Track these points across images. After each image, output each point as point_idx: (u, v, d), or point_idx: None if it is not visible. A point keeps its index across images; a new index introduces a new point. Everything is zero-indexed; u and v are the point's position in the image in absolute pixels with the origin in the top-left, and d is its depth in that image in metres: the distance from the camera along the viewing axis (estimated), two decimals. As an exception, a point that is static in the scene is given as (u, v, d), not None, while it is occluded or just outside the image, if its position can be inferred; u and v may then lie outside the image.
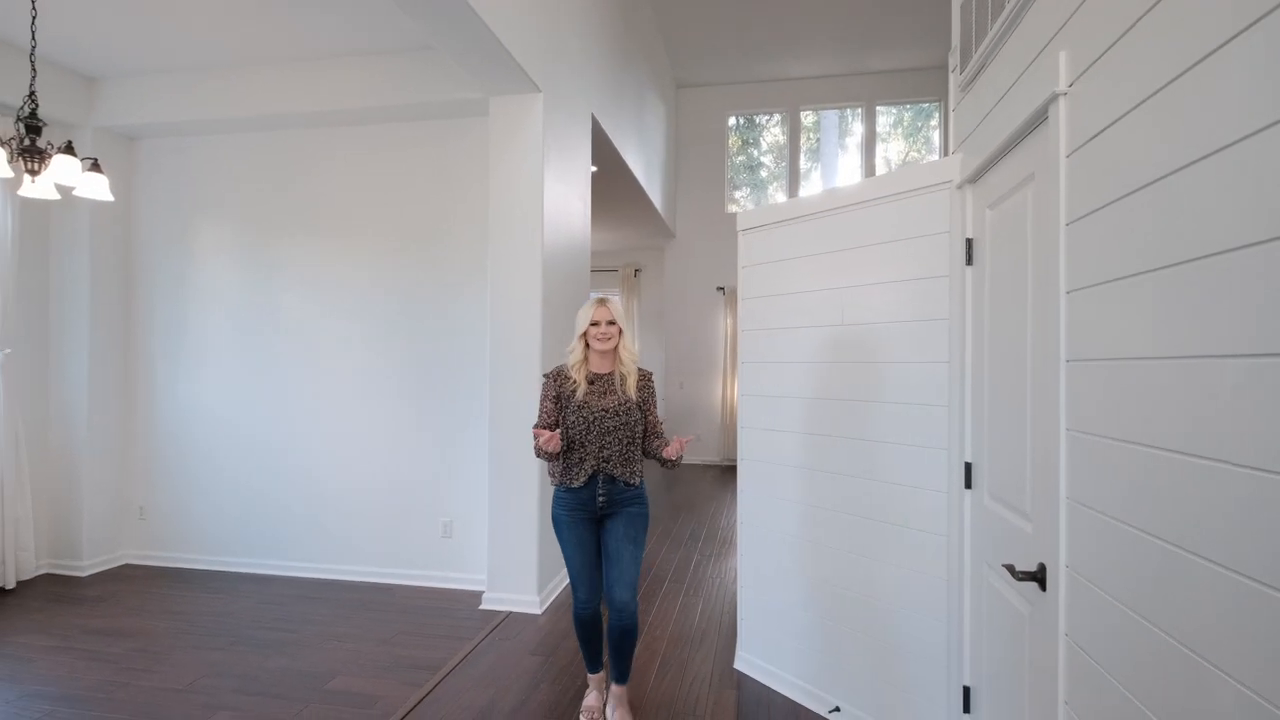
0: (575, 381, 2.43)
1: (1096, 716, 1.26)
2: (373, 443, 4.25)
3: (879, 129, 8.98)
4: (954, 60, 2.25)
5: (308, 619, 3.57)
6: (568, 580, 4.62)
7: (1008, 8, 1.66)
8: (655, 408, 2.52)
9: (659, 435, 2.50)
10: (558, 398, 2.46)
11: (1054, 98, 1.41)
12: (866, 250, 2.45)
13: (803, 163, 9.33)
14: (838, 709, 2.54)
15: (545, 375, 2.54)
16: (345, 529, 4.27)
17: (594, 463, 2.38)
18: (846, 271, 2.52)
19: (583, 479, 2.38)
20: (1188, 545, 0.97)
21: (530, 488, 3.66)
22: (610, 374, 2.47)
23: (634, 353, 2.50)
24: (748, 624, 3.01)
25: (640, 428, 2.46)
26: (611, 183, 6.27)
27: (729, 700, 2.73)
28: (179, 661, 3.05)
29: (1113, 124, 1.21)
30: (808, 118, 9.30)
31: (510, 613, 3.64)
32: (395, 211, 4.25)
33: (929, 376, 2.24)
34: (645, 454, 2.51)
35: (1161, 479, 1.04)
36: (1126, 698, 1.13)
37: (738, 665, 3.02)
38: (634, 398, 2.44)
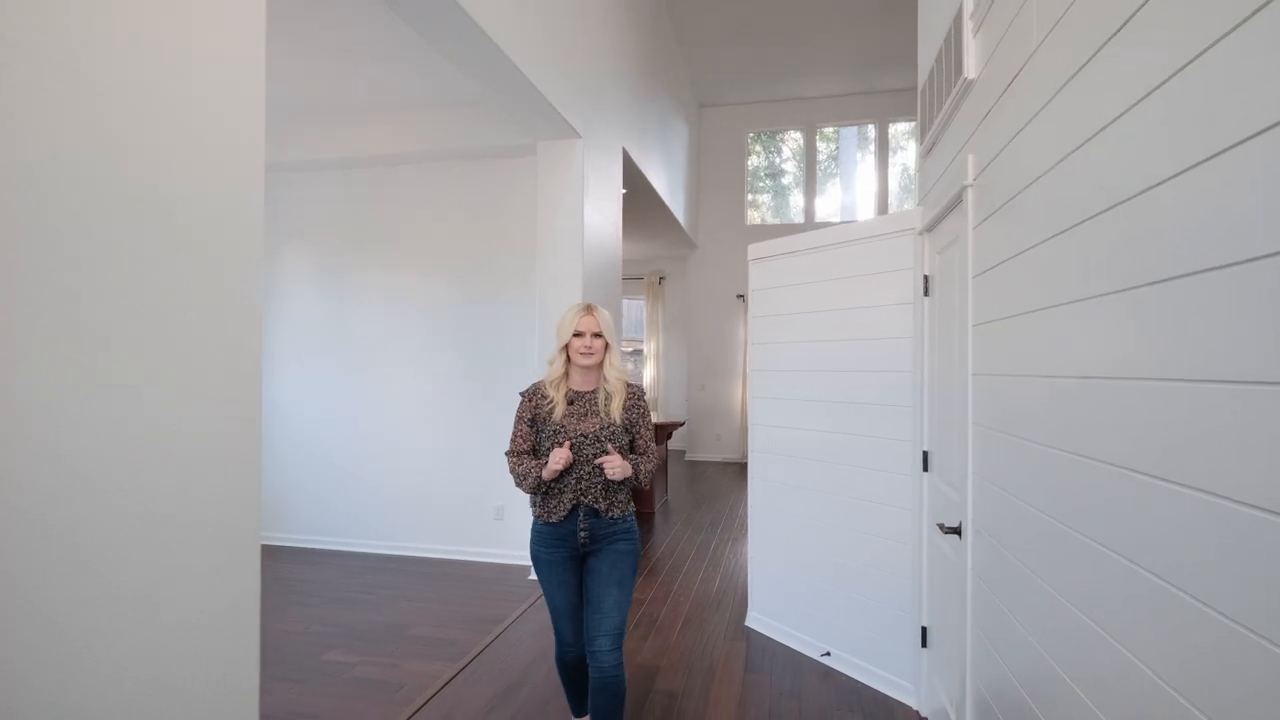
0: (552, 400, 2.14)
1: (987, 626, 1.83)
2: (434, 439, 4.91)
3: (896, 137, 9.44)
4: (918, 132, 2.81)
5: (383, 585, 4.22)
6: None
7: (942, 111, 2.24)
8: (648, 428, 2.23)
9: (648, 457, 2.21)
10: (533, 419, 2.16)
11: (964, 188, 1.98)
12: (850, 280, 3.03)
13: (823, 168, 9.86)
14: (828, 653, 3.12)
15: (521, 393, 2.21)
16: (411, 512, 4.93)
17: (573, 494, 2.09)
18: (834, 297, 3.10)
19: (562, 513, 2.09)
20: (1048, 510, 1.38)
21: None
22: (593, 392, 2.18)
23: (621, 370, 2.20)
24: (756, 589, 3.60)
25: (625, 453, 2.16)
26: (638, 200, 6.88)
27: (740, 649, 3.32)
28: (289, 615, 3.72)
29: (994, 212, 1.79)
30: (826, 130, 9.82)
31: (554, 582, 4.26)
32: (455, 237, 4.91)
33: (897, 383, 2.80)
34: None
35: (1025, 460, 1.57)
36: (1005, 613, 1.68)
37: (748, 623, 3.61)
38: (618, 420, 2.14)
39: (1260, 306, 0.76)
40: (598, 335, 2.15)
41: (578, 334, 2.14)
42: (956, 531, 2.08)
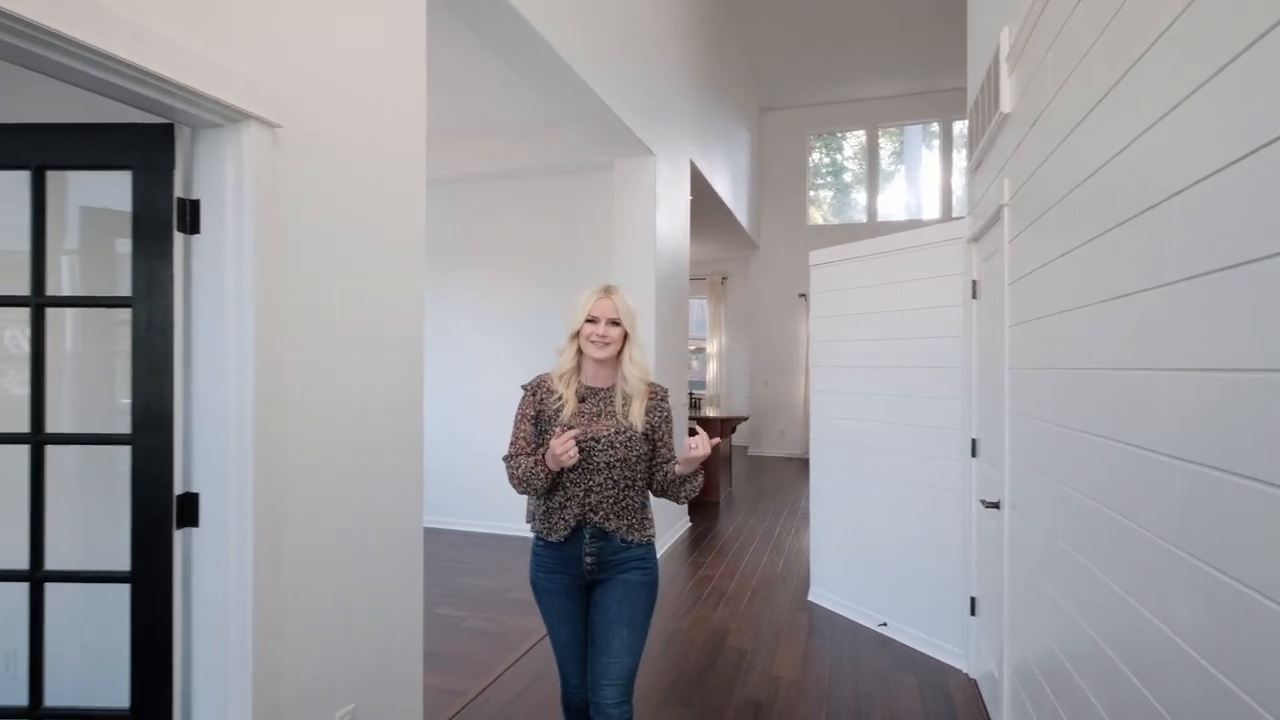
0: (561, 396, 1.82)
1: (1025, 593, 2.13)
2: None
3: (962, 134, 9.45)
4: (968, 148, 3.08)
5: (485, 558, 4.73)
6: (683, 526, 5.66)
7: (985, 136, 2.53)
8: (671, 435, 1.90)
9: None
10: (537, 417, 1.84)
11: (1002, 207, 2.28)
12: (905, 284, 3.32)
13: (887, 164, 9.97)
14: (885, 624, 3.42)
15: (523, 386, 1.90)
16: (508, 496, 5.44)
17: (578, 509, 1.77)
18: (891, 299, 3.39)
19: (564, 531, 1.77)
20: (1071, 484, 1.65)
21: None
22: (609, 389, 1.86)
23: (644, 365, 1.87)
24: (817, 566, 3.92)
25: (644, 465, 1.84)
26: (703, 205, 7.23)
27: (803, 619, 3.65)
28: (402, 579, 4.26)
29: (1027, 228, 2.08)
30: (890, 128, 9.92)
31: (631, 560, 4.68)
32: (537, 245, 5.40)
33: (947, 377, 3.09)
34: (659, 493, 1.89)
35: (1052, 441, 1.85)
36: (1041, 581, 1.96)
37: (810, 597, 3.94)
38: (638, 425, 1.81)
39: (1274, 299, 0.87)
40: (615, 323, 1.82)
41: (591, 320, 1.82)
42: (996, 505, 2.38)
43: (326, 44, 1.79)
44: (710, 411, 7.78)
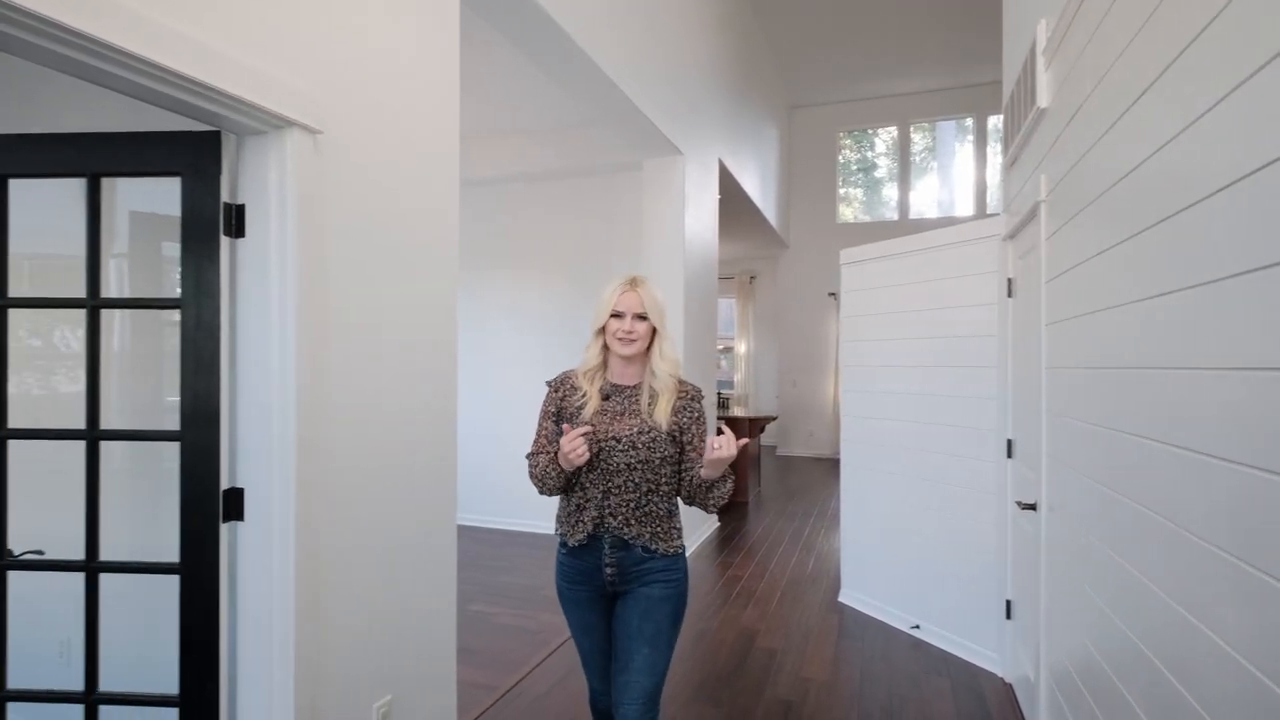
0: (584, 393, 1.75)
1: (1064, 597, 2.09)
2: (549, 427, 5.45)
3: (998, 129, 9.26)
4: (1003, 144, 3.03)
5: (516, 555, 4.79)
6: (712, 526, 5.65)
7: (1021, 132, 2.48)
8: (703, 437, 1.75)
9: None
10: (559, 414, 1.78)
11: (1038, 204, 2.24)
12: (939, 283, 3.28)
13: (919, 160, 9.82)
14: (917, 626, 3.38)
15: (548, 383, 1.83)
16: (525, 491, 5.49)
17: (596, 513, 1.68)
18: (924, 297, 3.35)
19: (582, 534, 1.69)
20: (1111, 486, 1.61)
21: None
22: (636, 387, 1.76)
23: (675, 360, 1.78)
24: (848, 568, 3.89)
25: (669, 468, 1.72)
26: (731, 204, 7.20)
27: (833, 620, 3.63)
28: (434, 575, 4.33)
29: (1064, 225, 2.05)
30: (922, 124, 9.78)
31: (660, 559, 4.69)
32: (568, 245, 5.44)
33: (982, 377, 3.04)
34: (689, 500, 1.75)
35: (1088, 444, 1.84)
36: (1081, 585, 1.91)
37: (841, 599, 3.91)
38: (663, 425, 1.70)
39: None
40: (641, 317, 1.72)
41: (616, 314, 1.72)
42: (1033, 507, 2.34)
43: (363, 51, 1.83)
44: (738, 411, 7.76)
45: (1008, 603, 2.91)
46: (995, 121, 9.22)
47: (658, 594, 1.69)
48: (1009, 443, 2.90)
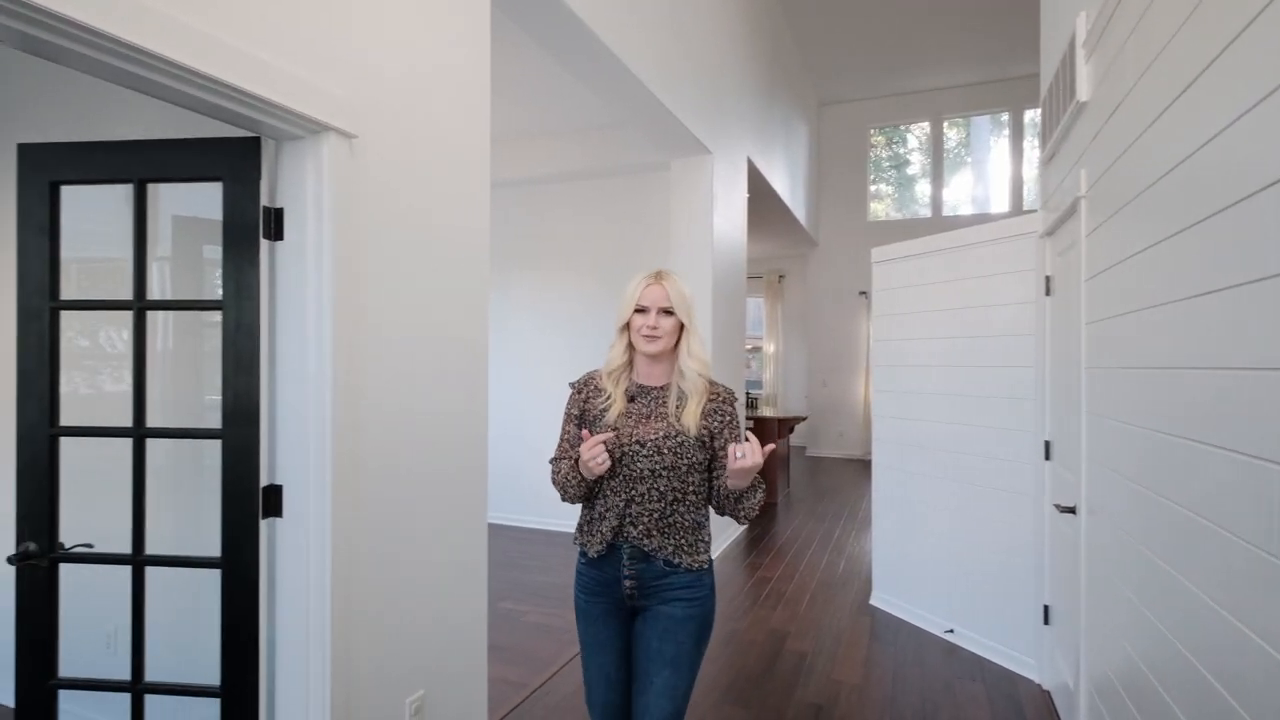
0: (609, 395, 1.64)
1: (1105, 603, 2.04)
2: (577, 426, 5.48)
3: (1035, 122, 9.07)
4: (1040, 140, 2.97)
5: (545, 554, 4.82)
6: (740, 527, 5.60)
7: (1059, 126, 2.42)
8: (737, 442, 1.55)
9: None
10: (582, 417, 1.68)
11: (1078, 199, 2.18)
12: (973, 281, 3.21)
13: (952, 156, 9.64)
14: (951, 630, 3.33)
15: (571, 384, 1.73)
16: (553, 490, 5.53)
17: (616, 521, 1.58)
18: (958, 296, 3.29)
19: (600, 545, 1.59)
20: (1155, 489, 1.57)
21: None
22: (663, 388, 1.65)
23: (704, 359, 1.65)
24: (880, 570, 3.84)
25: (698, 476, 1.61)
26: (760, 203, 7.15)
27: (865, 623, 3.59)
28: (465, 573, 4.38)
29: (1105, 222, 1.99)
30: (956, 119, 9.60)
31: (688, 559, 4.68)
32: (595, 246, 5.46)
33: (1019, 377, 2.97)
34: (720, 510, 1.64)
35: (1131, 446, 1.77)
36: (1124, 592, 1.87)
37: (872, 601, 3.86)
38: (691, 429, 1.58)
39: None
40: (667, 312, 1.61)
41: (640, 310, 1.62)
42: (1072, 510, 2.28)
43: (396, 55, 1.86)
44: (767, 411, 7.71)
45: (1045, 608, 2.84)
46: (1032, 116, 9.02)
47: (680, 613, 1.57)
48: (1046, 444, 2.83)
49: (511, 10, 2.66)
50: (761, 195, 6.79)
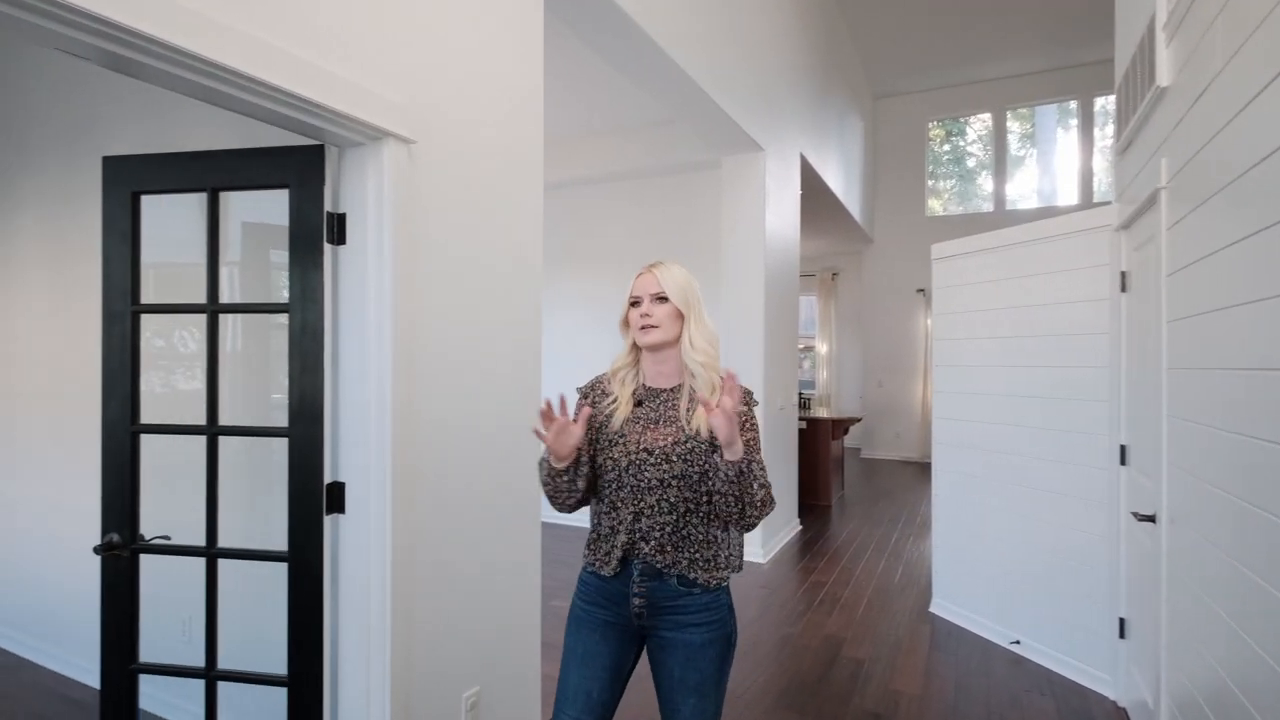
0: (616, 399, 1.52)
1: (1190, 618, 1.92)
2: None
3: (1107, 110, 8.60)
4: (1115, 129, 2.81)
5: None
6: (793, 529, 5.52)
7: (1137, 114, 2.29)
8: (756, 446, 1.45)
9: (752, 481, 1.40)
10: (588, 423, 1.50)
11: (1158, 190, 2.06)
12: (1041, 277, 3.08)
13: (1016, 149, 9.28)
14: (1017, 641, 3.19)
15: (579, 389, 1.62)
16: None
17: (626, 538, 1.45)
18: (1024, 293, 3.16)
19: (613, 565, 1.46)
20: (1246, 498, 1.45)
21: (756, 463, 4.61)
22: (674, 390, 1.52)
23: (709, 350, 1.50)
24: (940, 577, 3.71)
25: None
26: (813, 200, 7.03)
27: (924, 631, 3.48)
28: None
29: (1190, 213, 1.87)
30: (1020, 110, 9.23)
31: (740, 561, 4.64)
32: (643, 246, 5.45)
33: (1092, 378, 2.83)
34: (716, 515, 1.45)
35: (1219, 452, 1.65)
36: (1211, 607, 1.75)
37: (932, 609, 3.74)
38: (705, 433, 1.44)
39: None
40: (661, 299, 1.47)
41: (634, 301, 1.50)
42: (1151, 519, 2.16)
43: (452, 61, 1.89)
44: (821, 412, 7.56)
45: (1121, 620, 2.70)
46: (1103, 103, 8.60)
47: (699, 640, 1.44)
48: (1122, 449, 2.69)
49: (563, 12, 2.67)
50: (815, 192, 6.67)
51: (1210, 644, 1.72)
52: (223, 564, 1.81)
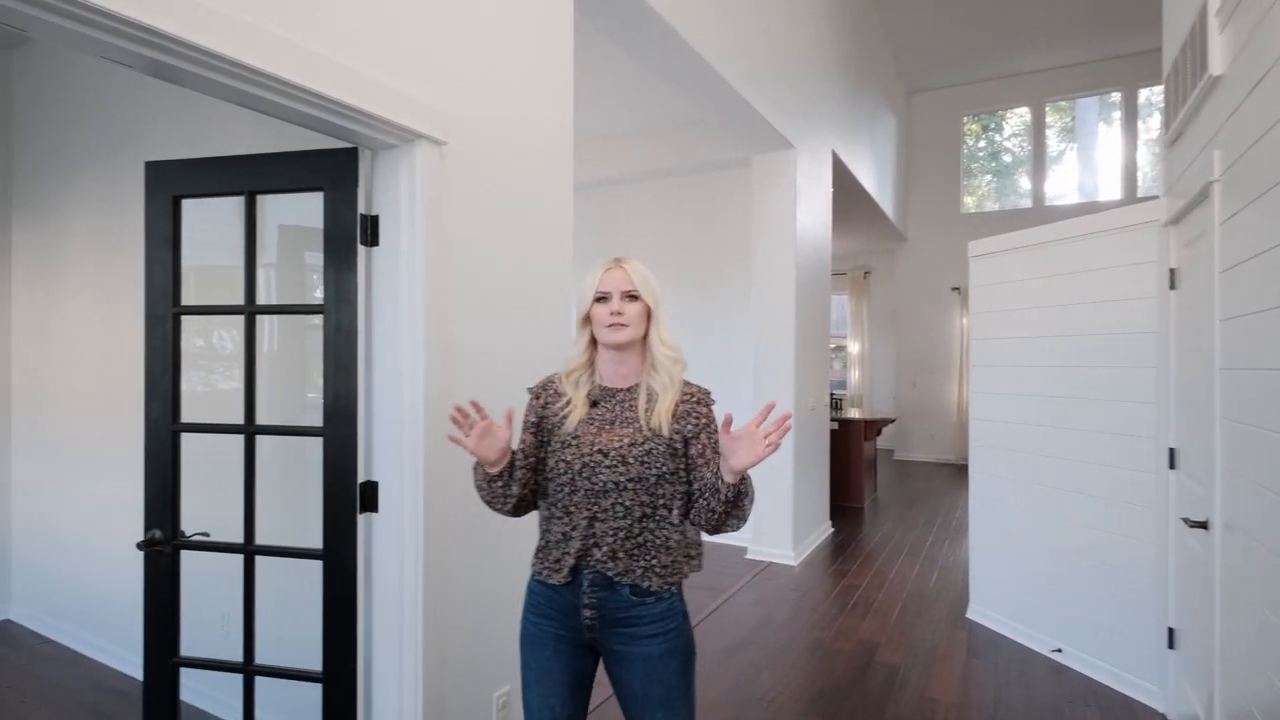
0: (569, 400, 1.45)
1: (1246, 629, 1.84)
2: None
3: (1152, 101, 8.30)
4: (1163, 121, 2.71)
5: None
6: (825, 532, 5.47)
7: (1187, 104, 2.21)
8: (715, 449, 1.39)
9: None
10: (539, 425, 1.46)
11: (1210, 184, 1.97)
12: (1084, 275, 2.98)
13: (1055, 144, 9.04)
14: (1059, 649, 3.10)
15: (529, 390, 1.52)
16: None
17: (580, 545, 1.37)
18: (1066, 291, 3.06)
19: (565, 573, 1.38)
20: None
21: (785, 459, 4.55)
22: (630, 390, 1.45)
23: (676, 351, 1.45)
24: (978, 582, 3.63)
25: (671, 487, 1.39)
26: (845, 197, 6.93)
27: (961, 637, 3.40)
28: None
29: (1244, 208, 1.79)
30: (1059, 102, 8.99)
31: (770, 563, 4.59)
32: (673, 247, 5.43)
33: (1138, 379, 2.73)
34: (696, 522, 1.41)
35: (1277, 456, 1.62)
36: (1257, 605, 1.71)
37: (969, 615, 3.65)
38: (664, 431, 1.38)
39: None
40: (632, 296, 1.42)
41: (601, 298, 1.42)
42: (1203, 525, 2.07)
43: (482, 62, 1.89)
44: (853, 413, 7.45)
45: (1170, 630, 2.60)
46: (1148, 95, 8.32)
47: (657, 651, 1.37)
48: (1171, 452, 2.59)
49: (593, 12, 2.67)
50: (846, 190, 6.58)
51: (1269, 657, 1.64)
52: (259, 561, 1.84)
